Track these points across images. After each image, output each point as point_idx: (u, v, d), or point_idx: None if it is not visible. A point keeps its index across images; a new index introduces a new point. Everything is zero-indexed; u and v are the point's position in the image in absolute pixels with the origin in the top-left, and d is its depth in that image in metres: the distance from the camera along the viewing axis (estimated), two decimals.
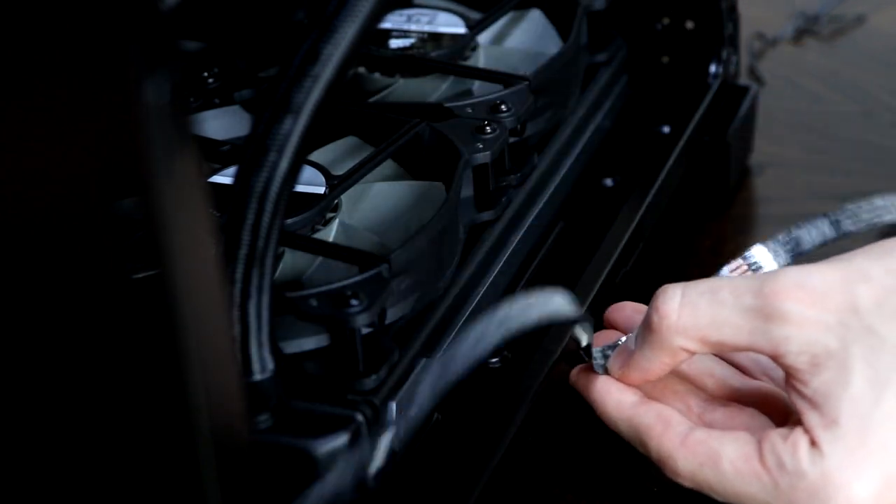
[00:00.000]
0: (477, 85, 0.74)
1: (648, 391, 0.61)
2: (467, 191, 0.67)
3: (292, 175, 0.54)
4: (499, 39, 0.80)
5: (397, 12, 0.78)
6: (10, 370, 0.45)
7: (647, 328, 0.58)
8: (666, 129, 0.79)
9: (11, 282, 0.44)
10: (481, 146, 0.66)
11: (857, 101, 0.93)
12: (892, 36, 0.99)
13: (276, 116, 0.54)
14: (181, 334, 0.42)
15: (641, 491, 0.64)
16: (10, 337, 0.45)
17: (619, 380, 0.61)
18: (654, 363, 0.59)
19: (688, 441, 0.58)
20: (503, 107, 0.69)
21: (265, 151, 0.54)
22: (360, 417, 0.55)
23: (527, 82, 0.70)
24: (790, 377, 0.56)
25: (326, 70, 0.54)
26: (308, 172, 0.64)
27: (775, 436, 0.57)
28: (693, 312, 0.57)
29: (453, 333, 0.62)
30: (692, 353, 0.58)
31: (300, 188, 0.63)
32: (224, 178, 0.65)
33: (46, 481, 0.47)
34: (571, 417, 0.66)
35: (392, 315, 0.60)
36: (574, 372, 0.63)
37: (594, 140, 0.77)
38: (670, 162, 0.76)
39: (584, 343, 0.61)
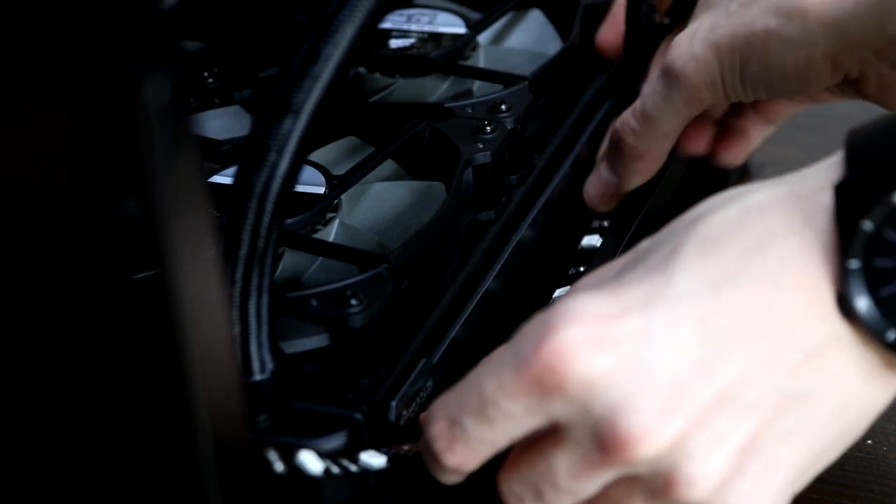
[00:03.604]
0: (477, 85, 0.74)
1: None
2: (467, 191, 0.67)
3: (292, 175, 0.54)
4: (499, 39, 0.80)
5: (397, 12, 0.78)
6: (9, 370, 0.45)
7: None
8: None
9: (12, 281, 0.44)
10: (481, 146, 0.66)
11: (857, 101, 0.93)
12: None
13: (277, 116, 0.54)
14: (181, 334, 0.42)
15: None
16: (10, 336, 0.45)
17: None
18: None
19: None
20: (503, 107, 0.69)
21: (265, 151, 0.54)
22: (359, 417, 0.55)
23: (527, 82, 0.71)
24: None
25: (326, 70, 0.55)
26: (308, 172, 0.64)
27: None
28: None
29: (453, 333, 0.62)
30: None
31: (300, 188, 0.63)
32: (224, 178, 0.65)
33: (46, 481, 0.47)
34: None
35: (392, 315, 0.60)
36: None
37: (594, 140, 0.77)
38: (670, 162, 0.76)
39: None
